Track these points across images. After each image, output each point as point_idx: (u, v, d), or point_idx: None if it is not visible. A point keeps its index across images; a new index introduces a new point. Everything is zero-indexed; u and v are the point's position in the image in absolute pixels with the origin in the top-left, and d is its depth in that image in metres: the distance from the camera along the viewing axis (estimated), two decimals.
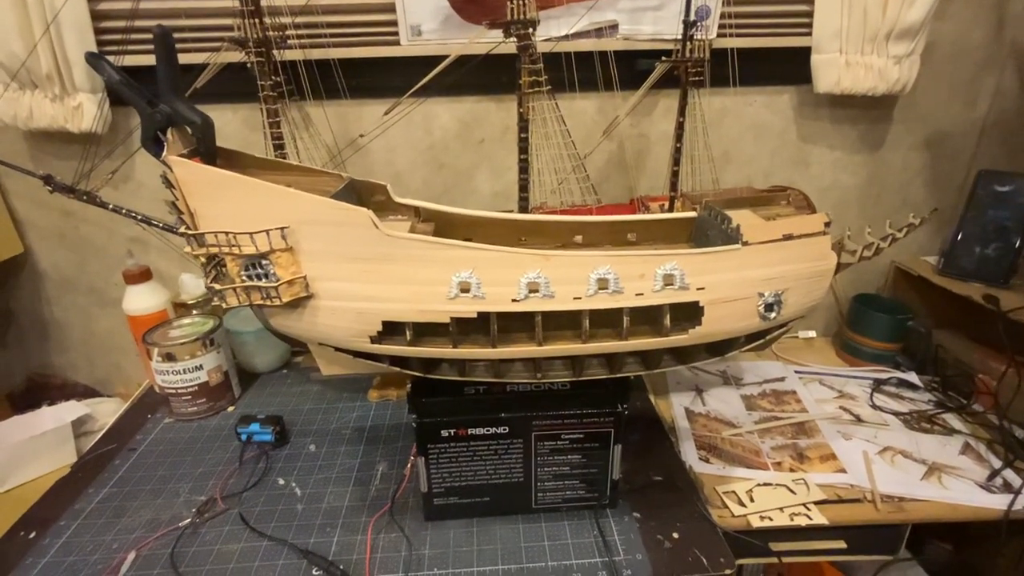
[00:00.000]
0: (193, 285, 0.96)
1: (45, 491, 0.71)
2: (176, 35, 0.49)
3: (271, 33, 0.82)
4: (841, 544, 0.75)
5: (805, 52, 0.99)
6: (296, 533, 0.64)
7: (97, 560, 0.60)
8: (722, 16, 0.95)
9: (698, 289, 0.52)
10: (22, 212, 1.05)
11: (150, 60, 0.49)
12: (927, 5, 0.90)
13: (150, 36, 0.48)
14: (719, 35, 0.96)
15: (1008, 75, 1.07)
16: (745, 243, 0.54)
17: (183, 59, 0.51)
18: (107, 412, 1.03)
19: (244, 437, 0.77)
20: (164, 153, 0.49)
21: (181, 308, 0.94)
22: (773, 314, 0.55)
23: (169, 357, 0.80)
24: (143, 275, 0.90)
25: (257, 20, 0.79)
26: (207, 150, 0.52)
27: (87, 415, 1.00)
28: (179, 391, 0.82)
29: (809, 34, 0.97)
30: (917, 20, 0.91)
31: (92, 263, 1.09)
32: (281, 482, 0.72)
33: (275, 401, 0.89)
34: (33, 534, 0.64)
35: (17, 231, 1.06)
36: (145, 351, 0.81)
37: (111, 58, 0.51)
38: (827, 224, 0.57)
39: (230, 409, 0.87)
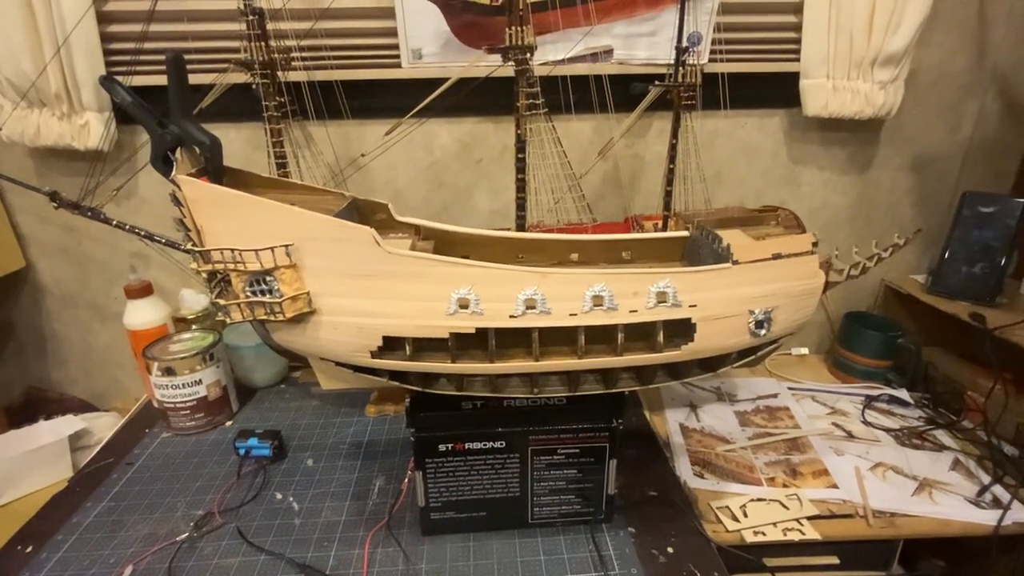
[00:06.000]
0: (193, 300, 0.97)
1: (42, 505, 0.71)
2: (183, 56, 0.51)
3: (276, 55, 0.84)
4: (834, 560, 0.76)
5: (794, 77, 1.02)
6: (293, 547, 0.64)
7: (94, 574, 0.60)
8: (713, 42, 0.98)
9: (690, 306, 0.54)
10: (26, 227, 1.06)
11: (158, 80, 0.51)
12: (910, 33, 0.94)
13: (158, 57, 0.50)
14: (711, 60, 0.99)
15: (990, 100, 1.10)
16: (735, 262, 0.55)
17: (190, 79, 0.53)
18: (104, 427, 1.03)
19: (242, 451, 0.77)
20: (173, 172, 0.51)
21: (181, 323, 0.95)
22: (763, 331, 0.57)
23: (169, 371, 0.81)
24: (144, 290, 0.90)
25: (263, 43, 0.82)
26: (215, 169, 0.54)
27: (84, 429, 0.99)
28: (178, 405, 0.83)
29: (797, 59, 1.00)
30: (901, 47, 0.94)
31: (93, 278, 1.10)
32: (279, 496, 0.72)
33: (273, 416, 0.89)
34: (30, 548, 0.64)
35: (20, 246, 1.07)
36: (145, 365, 0.82)
37: (120, 79, 0.53)
38: (815, 244, 0.58)
39: (228, 424, 0.88)
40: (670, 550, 0.63)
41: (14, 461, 0.91)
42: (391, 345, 0.54)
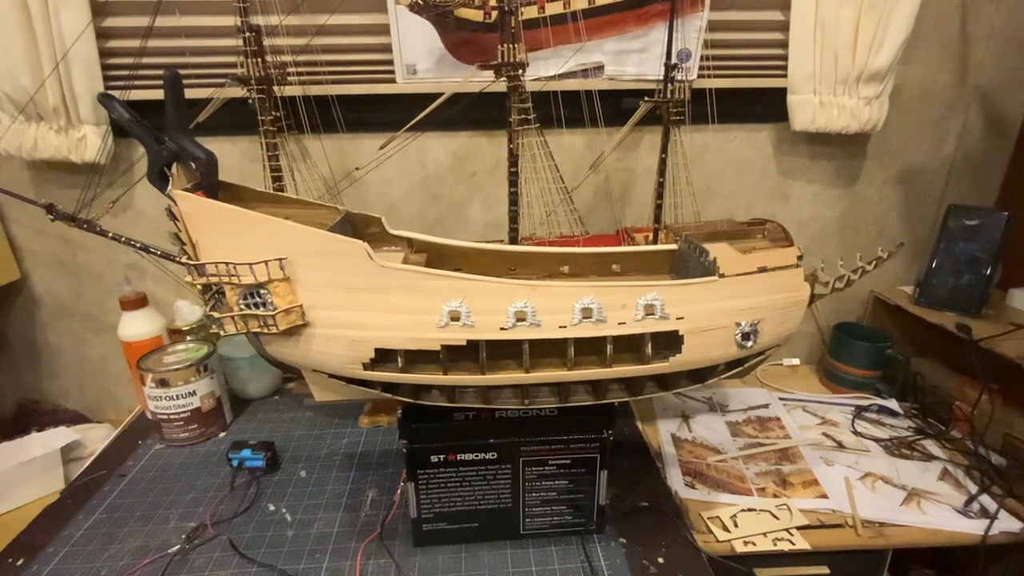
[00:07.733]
0: (188, 312, 0.97)
1: (33, 518, 0.71)
2: (181, 71, 0.52)
3: (272, 71, 0.85)
4: (824, 570, 0.77)
5: (781, 92, 1.04)
6: (285, 559, 0.64)
7: None
8: (702, 58, 1.00)
9: (678, 319, 0.55)
10: (21, 239, 1.07)
11: (155, 95, 0.52)
12: (893, 50, 0.96)
13: (156, 72, 0.51)
14: (700, 76, 1.01)
15: (973, 116, 1.13)
16: (722, 275, 0.56)
17: (187, 94, 0.54)
18: (97, 438, 1.03)
19: (235, 463, 0.78)
20: (169, 187, 0.51)
21: (176, 334, 0.95)
22: (750, 343, 0.58)
23: (163, 383, 0.81)
24: (139, 301, 0.91)
25: (259, 59, 0.83)
26: (210, 184, 0.55)
27: (76, 441, 0.99)
28: (171, 417, 0.83)
29: (785, 75, 1.02)
30: (884, 64, 0.97)
31: (88, 290, 1.11)
32: (271, 508, 0.72)
33: (267, 427, 0.90)
34: (21, 561, 0.64)
35: (15, 257, 1.07)
36: (139, 377, 0.82)
37: (117, 93, 0.54)
38: (799, 257, 0.60)
39: (222, 435, 0.88)
40: (661, 560, 0.64)
41: (5, 473, 0.90)
42: (383, 357, 0.54)
